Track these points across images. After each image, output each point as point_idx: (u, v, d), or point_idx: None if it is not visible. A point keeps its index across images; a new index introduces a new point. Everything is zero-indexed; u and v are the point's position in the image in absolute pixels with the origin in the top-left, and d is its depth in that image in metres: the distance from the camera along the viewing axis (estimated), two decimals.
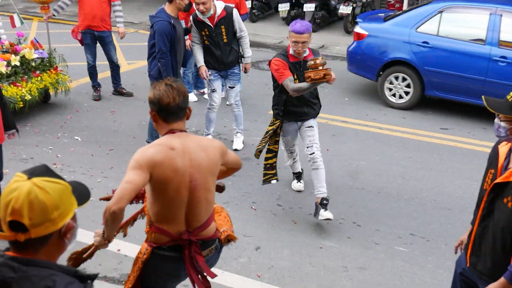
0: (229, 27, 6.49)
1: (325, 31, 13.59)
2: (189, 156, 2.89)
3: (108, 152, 6.79)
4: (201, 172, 2.91)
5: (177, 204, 2.91)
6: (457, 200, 5.90)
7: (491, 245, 3.02)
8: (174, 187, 2.86)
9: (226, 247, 4.82)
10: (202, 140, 3.04)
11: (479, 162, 6.76)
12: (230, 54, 6.59)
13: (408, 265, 4.82)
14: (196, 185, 2.90)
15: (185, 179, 2.87)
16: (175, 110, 2.91)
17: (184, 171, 2.86)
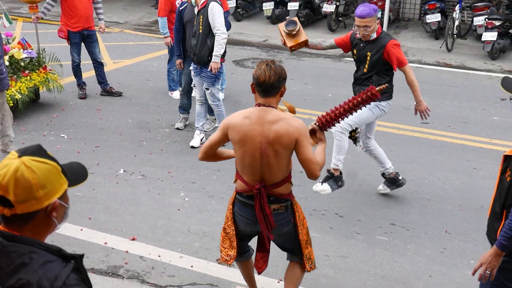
0: (205, 19, 6.52)
1: (309, 29, 13.73)
2: (261, 127, 3.41)
3: (94, 149, 6.88)
4: (269, 142, 3.40)
5: (251, 162, 3.48)
6: (437, 191, 6.07)
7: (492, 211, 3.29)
8: (245, 148, 3.45)
9: (212, 239, 4.97)
10: (284, 117, 3.43)
11: (458, 154, 6.95)
12: (203, 48, 6.57)
13: (389, 253, 4.97)
14: (265, 151, 3.42)
15: (255, 144, 3.42)
16: (268, 88, 3.42)
17: (254, 138, 3.42)
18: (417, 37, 13.12)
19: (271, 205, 3.58)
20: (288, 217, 3.67)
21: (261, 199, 3.52)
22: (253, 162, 3.48)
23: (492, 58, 11.37)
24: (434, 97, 9.08)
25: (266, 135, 3.40)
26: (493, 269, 3.17)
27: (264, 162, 3.47)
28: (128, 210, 5.56)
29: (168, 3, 8.09)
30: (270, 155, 3.43)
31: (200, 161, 6.56)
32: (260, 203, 3.53)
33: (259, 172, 3.51)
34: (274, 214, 3.60)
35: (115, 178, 6.18)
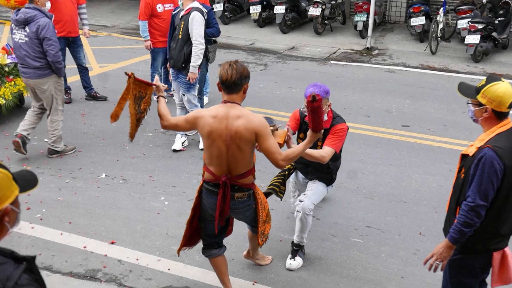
0: (185, 26, 6.61)
1: (296, 32, 13.86)
2: (227, 122, 3.73)
3: (77, 154, 6.95)
4: (231, 136, 3.73)
5: (218, 154, 3.82)
6: (413, 193, 6.18)
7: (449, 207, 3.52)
8: (213, 142, 3.79)
9: None
10: (244, 114, 3.75)
11: (436, 157, 7.07)
12: (180, 53, 6.67)
13: (363, 255, 5.07)
14: (229, 144, 3.75)
15: (222, 138, 3.75)
16: (230, 85, 3.75)
17: (221, 132, 3.75)
18: (402, 40, 13.25)
19: (235, 194, 3.95)
20: (250, 204, 4.07)
21: (226, 190, 3.89)
22: (219, 154, 3.82)
23: (475, 60, 11.52)
24: (416, 100, 9.22)
25: (230, 129, 3.74)
26: (443, 260, 3.37)
27: (229, 154, 3.81)
28: (108, 214, 5.63)
29: (149, 7, 8.17)
30: (234, 148, 3.78)
31: (182, 166, 6.71)
32: (223, 193, 3.89)
33: (225, 163, 3.85)
34: (238, 202, 4.00)
35: (96, 182, 6.26)
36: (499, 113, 3.30)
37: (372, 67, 11.38)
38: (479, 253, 3.39)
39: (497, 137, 3.26)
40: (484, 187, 3.18)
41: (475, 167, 3.22)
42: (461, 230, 3.25)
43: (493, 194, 3.22)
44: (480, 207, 3.21)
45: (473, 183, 3.22)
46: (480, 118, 3.35)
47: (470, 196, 3.23)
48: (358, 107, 8.83)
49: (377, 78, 10.48)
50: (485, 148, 3.22)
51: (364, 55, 12.20)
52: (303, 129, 4.89)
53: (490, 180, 3.17)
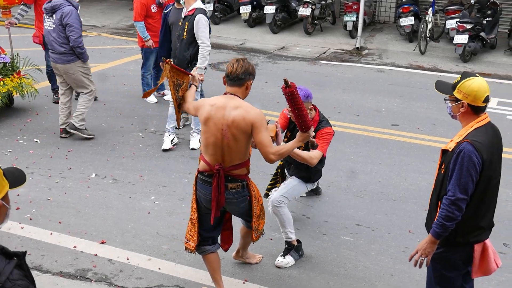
0: (190, 27, 6.68)
1: (286, 32, 13.88)
2: (224, 112, 3.85)
3: (67, 154, 6.92)
4: (228, 125, 3.83)
5: (213, 142, 3.90)
6: (402, 191, 6.22)
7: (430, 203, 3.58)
8: (209, 129, 3.89)
9: (180, 241, 5.05)
10: (243, 105, 3.86)
11: (425, 156, 7.11)
12: (185, 53, 6.77)
13: (353, 253, 5.09)
14: (225, 133, 3.85)
15: (218, 126, 3.85)
16: (234, 78, 3.90)
17: (217, 121, 3.85)
18: (391, 40, 13.31)
19: (229, 184, 4.01)
20: (245, 195, 4.11)
21: (219, 178, 3.94)
22: (215, 142, 3.90)
23: (464, 60, 11.60)
24: (406, 99, 9.27)
25: (227, 118, 3.84)
26: (427, 255, 3.42)
27: (224, 143, 3.88)
28: (98, 214, 5.62)
29: (144, 8, 8.18)
30: (229, 137, 3.85)
31: (172, 165, 6.70)
32: (217, 182, 3.95)
33: (220, 152, 3.92)
34: (232, 193, 4.04)
35: (86, 182, 6.24)
36: (475, 108, 3.36)
37: (362, 67, 11.42)
38: (460, 246, 3.44)
39: (475, 132, 3.32)
40: (464, 180, 3.24)
41: (454, 161, 3.27)
42: (443, 224, 3.30)
43: (472, 188, 3.28)
44: (460, 201, 3.26)
45: (453, 177, 3.28)
46: (458, 113, 3.42)
47: (451, 190, 3.28)
48: (348, 107, 8.86)
49: (367, 78, 10.53)
50: (464, 142, 3.27)
51: (354, 55, 12.24)
52: (290, 127, 5.00)
53: (469, 173, 3.23)
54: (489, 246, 3.50)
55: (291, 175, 5.16)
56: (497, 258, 3.60)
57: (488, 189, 3.37)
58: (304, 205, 5.87)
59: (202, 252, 4.33)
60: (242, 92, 3.97)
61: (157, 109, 8.57)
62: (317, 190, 6.05)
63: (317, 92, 9.51)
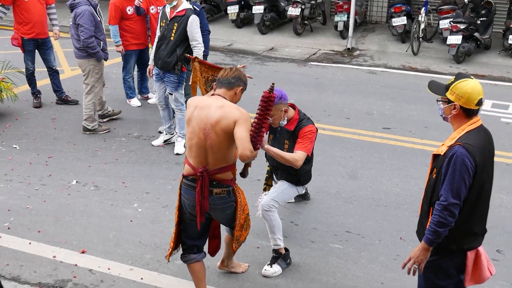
0: (181, 28, 6.69)
1: (275, 33, 13.91)
2: (208, 111, 3.89)
3: (47, 160, 6.89)
4: (212, 125, 3.87)
5: (197, 143, 3.93)
6: (394, 197, 6.24)
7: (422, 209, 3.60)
8: (192, 130, 3.95)
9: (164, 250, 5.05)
10: (227, 105, 3.92)
11: (417, 160, 7.14)
12: (171, 55, 6.76)
13: (342, 261, 5.10)
14: (208, 133, 3.87)
15: (200, 126, 3.90)
16: (224, 81, 4.03)
17: (200, 121, 3.90)
18: (384, 40, 13.37)
19: (214, 189, 4.02)
20: (230, 201, 4.12)
21: (203, 181, 3.95)
22: (198, 143, 3.93)
23: (458, 61, 11.67)
24: (398, 102, 9.31)
25: (210, 118, 3.88)
26: (420, 263, 3.43)
27: (208, 144, 3.90)
28: (79, 222, 5.60)
29: (119, 11, 8.17)
30: (212, 137, 3.88)
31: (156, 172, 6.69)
32: (201, 186, 3.96)
33: (204, 154, 3.95)
34: (217, 198, 4.06)
35: (67, 189, 6.21)
36: (467, 110, 3.38)
37: (353, 68, 11.46)
38: (453, 253, 3.45)
39: (467, 135, 3.34)
40: (457, 185, 3.25)
41: (447, 165, 3.28)
42: (435, 230, 3.31)
43: (465, 192, 3.29)
44: (453, 206, 3.27)
45: (445, 181, 3.29)
46: (449, 115, 3.43)
47: (443, 195, 3.29)
48: (338, 109, 8.88)
49: (358, 80, 10.57)
50: (456, 145, 3.29)
51: (345, 56, 12.28)
52: (271, 130, 5.07)
53: (462, 177, 3.24)
54: (482, 253, 3.52)
55: (280, 179, 5.18)
56: (490, 265, 3.62)
57: (481, 194, 3.39)
58: (292, 212, 5.88)
59: (187, 260, 4.32)
60: (230, 96, 4.02)
61: (140, 113, 8.55)
62: (306, 195, 6.07)
63: (307, 95, 9.56)
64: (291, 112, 4.94)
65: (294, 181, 5.10)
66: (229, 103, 3.97)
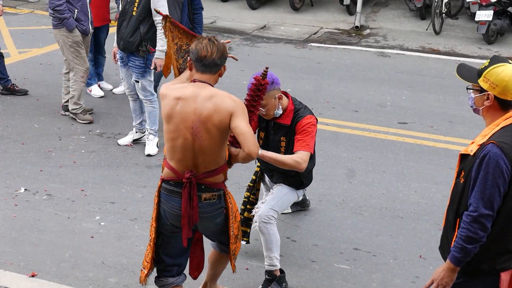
0: (144, 1, 6.70)
1: (267, 8, 13.96)
2: (194, 105, 3.79)
3: None
4: (201, 121, 3.78)
5: (182, 144, 3.84)
6: (412, 206, 6.26)
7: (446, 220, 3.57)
8: (175, 129, 3.83)
9: (132, 272, 5.04)
10: (217, 95, 3.84)
11: (440, 161, 7.18)
12: (134, 34, 6.77)
13: (350, 284, 5.11)
14: (197, 132, 3.79)
15: (187, 124, 3.79)
16: (209, 64, 3.85)
17: (186, 117, 3.79)
18: (399, 17, 13.45)
19: (202, 194, 3.97)
20: (220, 207, 4.09)
21: (191, 189, 3.90)
22: (184, 145, 3.85)
23: (488, 42, 11.74)
24: (416, 91, 9.34)
25: (199, 112, 3.79)
26: (445, 286, 3.42)
27: (196, 145, 3.83)
28: (28, 239, 5.57)
29: None
30: (203, 136, 3.80)
31: (122, 177, 6.67)
32: (189, 194, 3.90)
33: (191, 157, 3.88)
34: (206, 204, 4.01)
35: (13, 199, 6.19)
36: (503, 102, 3.36)
37: (362, 50, 11.52)
38: (485, 275, 3.43)
39: (502, 131, 3.31)
40: (489, 192, 3.23)
41: (477, 168, 3.26)
42: (463, 247, 3.29)
43: (499, 201, 3.27)
44: (484, 217, 3.25)
45: (475, 188, 3.27)
46: (481, 107, 3.42)
47: (472, 204, 3.27)
48: (344, 100, 8.91)
49: (369, 64, 10.61)
50: (489, 144, 3.26)
51: (352, 36, 12.34)
52: (263, 126, 5.06)
53: (496, 183, 3.22)
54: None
55: (277, 183, 5.19)
56: None
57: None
58: (288, 225, 5.88)
59: (163, 285, 4.26)
60: (214, 80, 3.96)
61: (103, 105, 8.55)
62: (305, 202, 6.07)
63: (306, 83, 9.57)
64: (285, 101, 4.93)
65: (295, 184, 5.11)
66: (219, 92, 3.87)
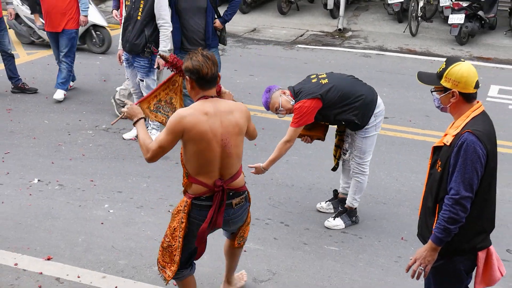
0: (148, 6, 6.75)
1: (257, 12, 13.98)
2: (220, 118, 3.79)
3: (4, 156, 6.87)
4: (229, 132, 3.82)
5: (212, 159, 3.82)
6: (393, 193, 6.35)
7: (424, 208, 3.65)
8: (207, 145, 3.76)
9: (140, 255, 5.10)
10: (230, 105, 3.91)
11: (419, 152, 7.27)
12: (139, 37, 6.84)
13: (339, 264, 5.19)
14: (227, 142, 3.81)
15: (217, 137, 3.78)
16: (211, 79, 3.81)
17: (216, 131, 3.77)
18: (378, 20, 13.51)
19: (233, 200, 4.00)
20: (246, 207, 4.17)
21: (223, 195, 3.91)
22: (213, 157, 3.82)
23: (460, 43, 11.85)
24: (395, 88, 9.43)
25: (226, 125, 3.82)
26: (427, 265, 3.50)
27: (224, 155, 3.85)
28: (43, 225, 5.61)
29: None
30: (231, 144, 3.85)
31: (128, 168, 6.72)
32: (219, 201, 3.90)
33: (218, 167, 3.87)
34: (237, 209, 4.06)
35: (28, 189, 6.21)
36: (467, 95, 3.46)
37: (345, 51, 11.58)
38: (465, 254, 3.53)
39: (473, 121, 3.41)
40: (468, 176, 3.32)
41: (456, 155, 3.35)
42: (446, 228, 3.38)
43: (477, 183, 3.36)
44: (465, 199, 3.34)
45: (455, 173, 3.35)
46: (448, 104, 3.51)
47: (453, 188, 3.36)
48: None
49: (351, 64, 10.68)
50: (465, 133, 3.35)
51: (335, 38, 12.39)
52: None
53: (474, 167, 3.31)
54: (493, 252, 3.60)
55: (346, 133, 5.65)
56: (501, 265, 3.70)
57: (491, 186, 3.47)
58: (282, 211, 5.95)
59: (179, 277, 4.24)
60: (215, 90, 3.94)
61: (109, 102, 8.55)
62: None
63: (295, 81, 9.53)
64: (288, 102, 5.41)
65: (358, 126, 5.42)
66: (230, 102, 3.95)
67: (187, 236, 3.99)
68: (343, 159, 5.84)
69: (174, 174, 6.47)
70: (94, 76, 9.65)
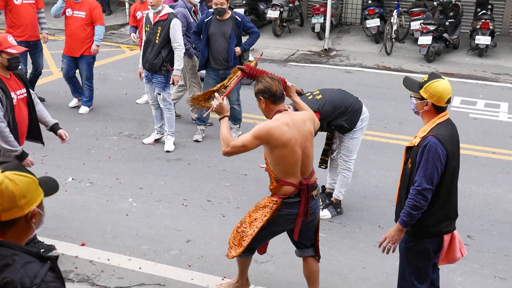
0: (164, 31, 6.93)
1: None
2: (297, 128, 3.97)
3: (42, 159, 6.96)
4: (305, 137, 4.00)
5: (295, 160, 3.97)
6: (372, 188, 6.51)
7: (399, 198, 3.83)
8: (291, 151, 3.93)
9: (159, 241, 5.23)
10: (301, 115, 4.12)
11: (393, 154, 7.42)
12: (157, 57, 7.00)
13: (326, 248, 5.33)
14: (306, 146, 4.00)
15: (298, 143, 3.94)
16: (281, 95, 4.03)
17: (296, 139, 3.94)
18: (358, 41, 13.66)
19: (313, 192, 4.13)
20: (318, 199, 4.29)
21: (308, 191, 4.05)
22: (296, 159, 3.97)
23: (428, 61, 12.02)
24: (373, 99, 9.57)
25: (304, 134, 4.01)
26: (395, 242, 3.72)
27: (304, 157, 4.01)
28: (77, 217, 5.74)
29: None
30: (309, 147, 4.04)
31: (148, 168, 6.83)
32: (306, 198, 4.04)
33: (300, 168, 4.02)
34: (316, 200, 4.20)
35: (63, 186, 6.33)
36: (437, 107, 3.65)
37: (330, 68, 11.73)
38: (432, 237, 3.70)
39: (437, 127, 3.61)
40: (430, 171, 3.51)
41: (421, 154, 3.55)
42: (410, 213, 3.58)
43: (437, 178, 3.55)
44: (426, 190, 3.53)
45: (419, 169, 3.55)
46: (421, 110, 3.69)
47: (417, 180, 3.55)
48: None
49: (335, 79, 10.83)
50: (429, 136, 3.55)
51: (322, 56, 12.54)
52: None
53: (435, 164, 3.50)
54: (456, 236, 3.79)
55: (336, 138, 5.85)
56: (462, 247, 3.89)
57: (453, 181, 3.66)
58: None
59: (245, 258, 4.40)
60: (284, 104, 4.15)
61: (130, 112, 8.69)
62: None
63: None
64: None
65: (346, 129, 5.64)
66: (300, 113, 4.16)
67: (263, 229, 4.11)
68: (331, 158, 6.00)
69: (187, 174, 6.62)
70: (117, 90, 9.78)
